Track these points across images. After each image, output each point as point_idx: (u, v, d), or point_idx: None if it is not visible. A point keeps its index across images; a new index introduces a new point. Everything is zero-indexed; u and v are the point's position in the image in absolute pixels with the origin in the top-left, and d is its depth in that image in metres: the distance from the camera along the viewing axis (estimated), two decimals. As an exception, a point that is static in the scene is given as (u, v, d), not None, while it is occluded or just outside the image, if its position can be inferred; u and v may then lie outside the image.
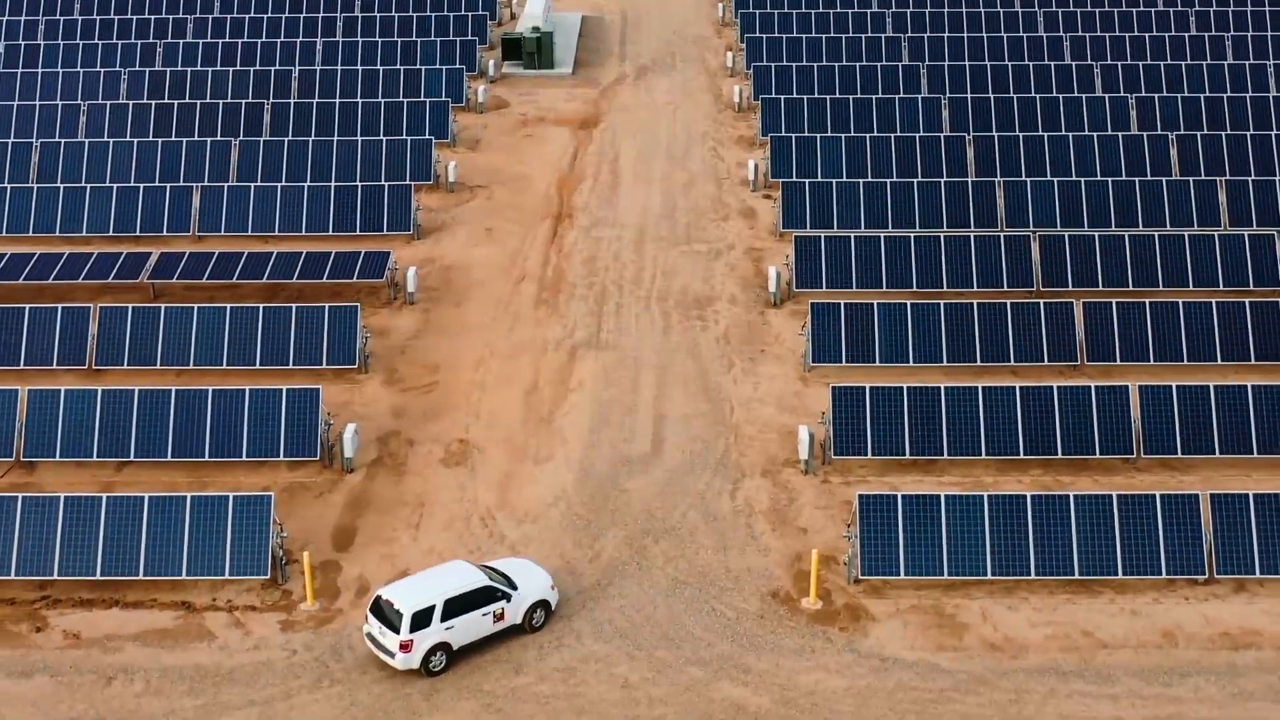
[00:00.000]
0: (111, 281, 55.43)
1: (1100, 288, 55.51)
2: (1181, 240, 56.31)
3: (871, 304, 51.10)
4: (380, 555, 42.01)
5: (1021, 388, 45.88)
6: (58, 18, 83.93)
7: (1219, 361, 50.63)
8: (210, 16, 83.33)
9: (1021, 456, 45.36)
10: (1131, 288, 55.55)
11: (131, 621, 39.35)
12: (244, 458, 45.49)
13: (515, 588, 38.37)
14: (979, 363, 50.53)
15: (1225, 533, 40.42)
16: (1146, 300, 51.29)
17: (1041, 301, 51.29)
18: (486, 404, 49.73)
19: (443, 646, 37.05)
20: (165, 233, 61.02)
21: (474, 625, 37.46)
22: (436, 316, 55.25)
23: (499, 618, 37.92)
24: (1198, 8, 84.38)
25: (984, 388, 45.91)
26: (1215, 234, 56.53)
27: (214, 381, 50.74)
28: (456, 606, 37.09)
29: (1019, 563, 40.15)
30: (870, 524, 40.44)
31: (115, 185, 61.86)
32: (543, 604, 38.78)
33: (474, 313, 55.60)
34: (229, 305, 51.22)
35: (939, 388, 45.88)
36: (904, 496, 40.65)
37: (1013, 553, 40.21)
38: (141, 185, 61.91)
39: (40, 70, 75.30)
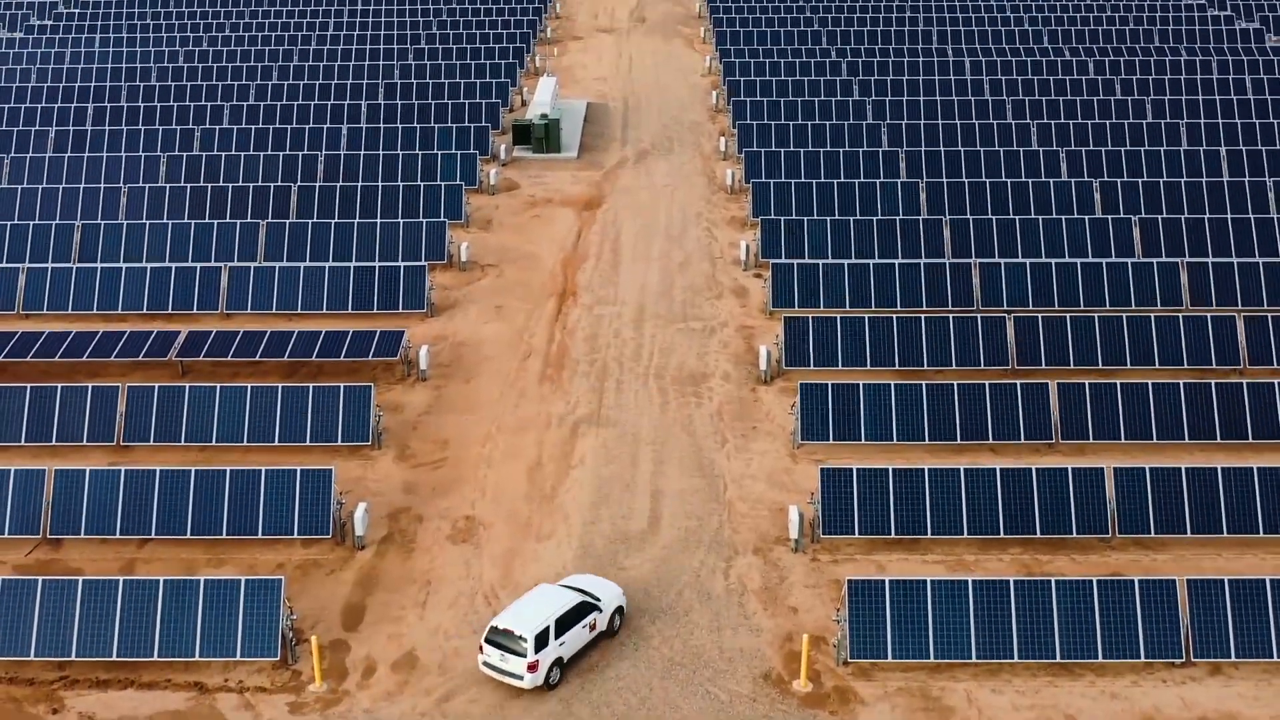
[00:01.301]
0: (142, 359, 52.54)
1: (1072, 366, 52.60)
2: (1148, 321, 53.41)
3: (857, 384, 48.18)
4: (388, 635, 38.90)
5: (1002, 470, 42.83)
6: (105, 105, 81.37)
7: (1186, 440, 47.64)
8: (245, 104, 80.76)
9: (1002, 536, 42.31)
10: (1101, 366, 52.61)
11: (146, 703, 36.27)
12: (260, 535, 42.46)
13: (599, 599, 37.94)
14: (959, 441, 47.55)
15: (1201, 617, 37.33)
16: (1118, 382, 48.37)
17: (1018, 382, 48.34)
18: (493, 479, 46.73)
19: (558, 661, 36.55)
20: (195, 310, 58.18)
21: (578, 638, 37.16)
22: (447, 393, 52.32)
23: (593, 628, 37.65)
24: (1153, 96, 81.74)
25: (965, 469, 42.89)
26: (1180, 315, 53.63)
27: (236, 457, 47.79)
28: (565, 624, 36.73)
29: (1002, 646, 37.05)
30: (858, 608, 37.37)
31: (149, 265, 59.12)
32: (619, 610, 38.62)
33: (483, 389, 52.67)
34: (249, 385, 48.32)
35: (923, 469, 42.86)
36: (891, 581, 37.58)
37: (996, 636, 37.12)
38: (174, 265, 59.17)
39: (86, 154, 72.70)
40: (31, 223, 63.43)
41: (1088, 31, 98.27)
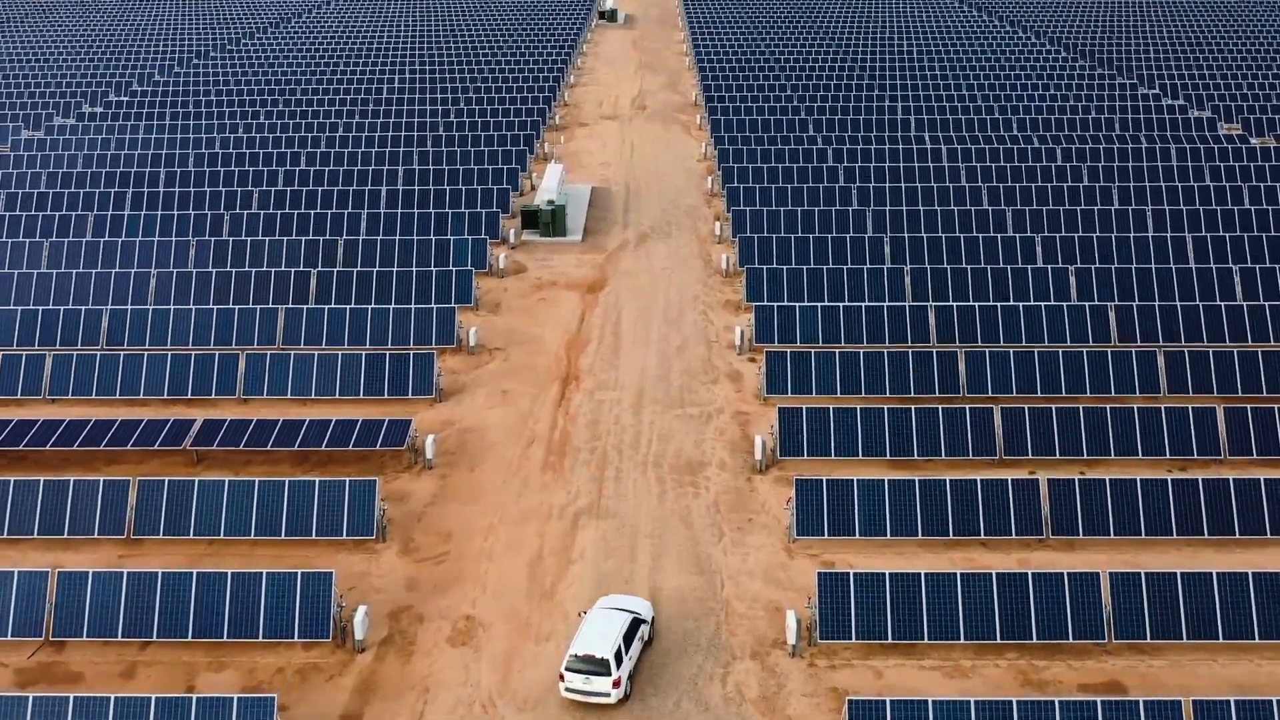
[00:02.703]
0: (157, 448, 47.77)
1: (1057, 456, 47.79)
2: (1131, 413, 48.60)
3: (851, 480, 43.32)
4: (382, 750, 34.00)
5: (998, 574, 37.95)
6: (144, 190, 76.97)
7: (1174, 536, 42.73)
8: (273, 189, 76.35)
9: (998, 641, 37.38)
10: (1086, 456, 47.80)
11: (132, 828, 31.33)
12: (260, 638, 37.59)
13: (641, 614, 37.37)
14: (951, 536, 42.66)
15: (1207, 739, 32.39)
16: (1106, 477, 43.48)
17: (1009, 478, 43.47)
18: (494, 575, 41.82)
19: (630, 675, 35.88)
20: (214, 395, 53.49)
21: (636, 650, 36.59)
22: (452, 481, 47.47)
23: (643, 639, 37.14)
24: (1119, 183, 77.24)
25: (962, 574, 38.00)
26: (1162, 407, 48.82)
27: (243, 550, 42.94)
28: (628, 640, 36.16)
29: (1006, 768, 32.09)
30: (859, 728, 32.44)
31: (170, 352, 54.47)
32: (652, 620, 38.36)
33: (487, 477, 47.83)
34: (257, 479, 43.53)
35: (919, 574, 37.98)
36: (892, 702, 32.64)
37: (999, 758, 32.17)
38: (194, 351, 54.52)
39: (121, 238, 68.24)
40: (62, 308, 58.87)
41: (1053, 120, 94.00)
